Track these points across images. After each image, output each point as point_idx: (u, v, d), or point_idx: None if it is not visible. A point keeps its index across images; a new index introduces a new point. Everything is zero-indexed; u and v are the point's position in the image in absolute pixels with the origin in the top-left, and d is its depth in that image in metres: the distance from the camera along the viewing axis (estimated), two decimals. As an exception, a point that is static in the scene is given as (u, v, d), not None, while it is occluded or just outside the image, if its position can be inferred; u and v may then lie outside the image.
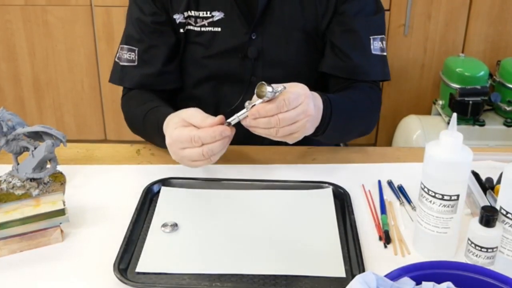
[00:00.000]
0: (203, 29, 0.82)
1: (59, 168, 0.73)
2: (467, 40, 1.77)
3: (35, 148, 0.70)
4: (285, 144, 0.88)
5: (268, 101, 0.62)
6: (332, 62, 0.83)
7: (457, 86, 1.62)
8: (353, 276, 0.55)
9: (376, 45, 0.82)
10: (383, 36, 0.84)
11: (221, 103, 0.87)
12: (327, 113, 0.70)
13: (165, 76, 0.84)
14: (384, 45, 0.84)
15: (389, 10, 1.72)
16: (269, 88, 0.61)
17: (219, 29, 0.81)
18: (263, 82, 0.62)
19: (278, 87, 0.62)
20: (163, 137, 0.70)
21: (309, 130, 0.67)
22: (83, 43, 1.78)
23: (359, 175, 0.77)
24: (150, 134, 0.78)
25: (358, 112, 0.79)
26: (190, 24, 0.82)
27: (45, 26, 1.76)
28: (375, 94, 0.84)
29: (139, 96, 0.84)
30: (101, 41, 1.78)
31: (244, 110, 0.64)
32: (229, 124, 0.65)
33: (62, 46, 1.79)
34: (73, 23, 1.76)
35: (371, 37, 0.82)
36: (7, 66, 1.82)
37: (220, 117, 0.65)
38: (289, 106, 0.62)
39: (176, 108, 0.83)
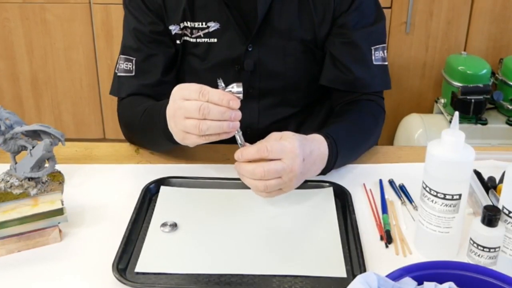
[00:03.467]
0: (198, 40, 0.81)
1: (58, 167, 0.73)
2: (469, 38, 1.76)
3: (33, 147, 0.70)
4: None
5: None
6: (332, 75, 0.82)
7: (459, 84, 1.62)
8: (354, 276, 0.55)
9: (377, 55, 0.81)
10: (384, 45, 0.83)
11: None
12: (333, 153, 0.70)
13: (163, 86, 0.83)
14: (385, 54, 0.83)
15: (390, 8, 1.72)
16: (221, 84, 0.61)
17: (215, 40, 0.81)
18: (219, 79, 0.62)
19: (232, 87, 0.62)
20: (166, 133, 0.67)
21: (295, 186, 0.65)
22: (81, 41, 1.78)
23: (360, 174, 0.77)
24: (148, 130, 0.75)
25: (364, 136, 0.79)
26: (186, 35, 0.82)
27: (43, 24, 1.75)
28: (377, 106, 0.83)
29: (135, 100, 0.82)
30: (100, 39, 1.77)
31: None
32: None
33: (61, 44, 1.78)
34: (72, 21, 1.75)
35: (372, 48, 0.81)
36: (5, 64, 1.82)
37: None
38: (270, 153, 0.61)
39: None
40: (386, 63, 0.83)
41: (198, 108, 0.60)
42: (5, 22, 1.75)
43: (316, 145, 0.68)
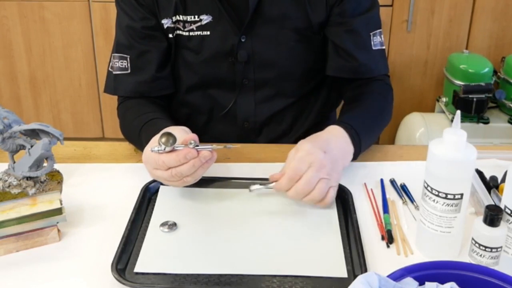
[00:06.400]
0: (191, 33, 0.81)
1: (56, 166, 0.72)
2: (471, 36, 1.75)
3: (31, 146, 0.70)
4: (287, 141, 0.87)
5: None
6: (337, 64, 0.83)
7: (461, 83, 1.61)
8: (355, 277, 0.54)
9: (376, 41, 0.83)
10: (381, 30, 0.84)
11: (214, 108, 0.87)
12: (355, 140, 0.72)
13: (159, 82, 0.83)
14: (382, 38, 0.85)
15: (391, 5, 1.71)
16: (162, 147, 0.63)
17: (208, 32, 0.81)
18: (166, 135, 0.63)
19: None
20: None
21: (338, 175, 0.68)
22: (80, 39, 1.77)
23: (361, 173, 0.76)
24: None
25: (378, 117, 0.81)
26: (179, 29, 0.82)
27: (41, 22, 1.75)
28: (384, 85, 0.85)
29: (136, 107, 0.82)
30: (99, 37, 1.77)
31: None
32: (196, 146, 0.63)
33: (59, 42, 1.78)
34: (70, 19, 1.75)
35: (371, 34, 0.82)
36: (3, 62, 1.81)
37: (192, 136, 0.64)
38: (297, 172, 0.64)
39: (171, 114, 0.81)
40: (384, 47, 0.85)
41: (171, 175, 0.64)
42: (3, 20, 1.75)
43: (330, 132, 0.71)
